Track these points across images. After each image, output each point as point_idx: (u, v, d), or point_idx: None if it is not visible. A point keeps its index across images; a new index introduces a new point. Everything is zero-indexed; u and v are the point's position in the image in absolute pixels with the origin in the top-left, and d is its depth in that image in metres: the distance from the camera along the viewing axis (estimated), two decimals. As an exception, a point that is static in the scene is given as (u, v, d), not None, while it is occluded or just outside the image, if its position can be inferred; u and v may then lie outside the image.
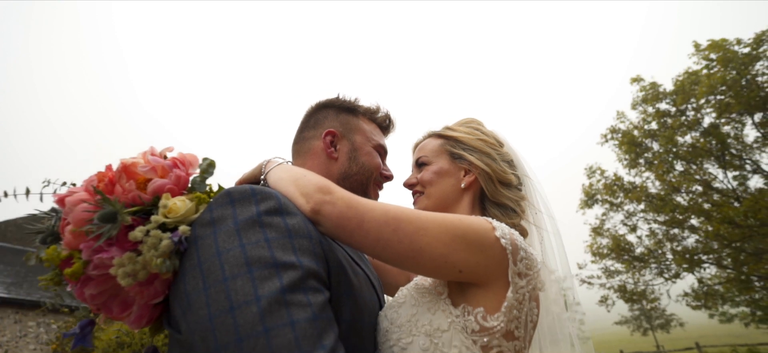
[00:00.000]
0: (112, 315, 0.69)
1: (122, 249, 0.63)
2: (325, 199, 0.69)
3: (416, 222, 0.68)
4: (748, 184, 11.54)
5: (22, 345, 8.18)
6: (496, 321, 0.66)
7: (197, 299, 0.58)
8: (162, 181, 0.67)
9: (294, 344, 0.53)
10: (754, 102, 10.38)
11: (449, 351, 0.66)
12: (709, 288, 12.00)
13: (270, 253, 0.59)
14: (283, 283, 0.57)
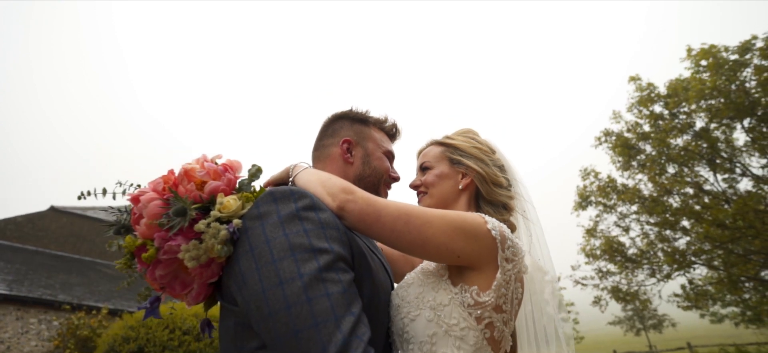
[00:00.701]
0: (174, 293, 0.84)
1: (186, 238, 0.78)
2: (348, 198, 0.85)
3: (423, 217, 0.84)
4: (737, 187, 11.75)
5: (23, 342, 8.27)
6: (487, 297, 0.82)
7: (251, 277, 0.73)
8: (217, 183, 0.82)
9: (330, 310, 0.68)
10: (742, 107, 10.61)
11: (450, 321, 0.82)
12: (699, 289, 12.20)
13: (308, 241, 0.75)
14: (320, 264, 0.72)
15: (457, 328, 0.81)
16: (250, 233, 0.78)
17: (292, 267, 0.71)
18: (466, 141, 1.14)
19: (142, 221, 0.80)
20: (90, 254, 13.65)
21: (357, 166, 1.08)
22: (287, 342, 0.67)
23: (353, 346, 0.66)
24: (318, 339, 0.65)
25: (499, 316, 0.83)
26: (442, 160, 1.13)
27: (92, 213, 14.25)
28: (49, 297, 8.56)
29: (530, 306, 1.06)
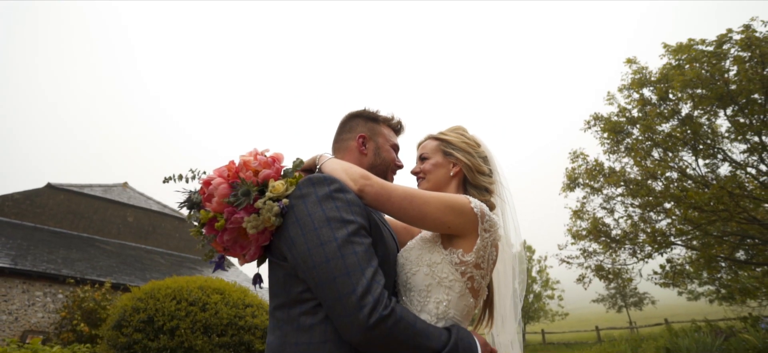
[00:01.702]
0: (234, 253, 1.12)
1: (247, 212, 1.05)
2: (366, 183, 1.12)
3: (422, 198, 1.12)
4: (718, 172, 12.17)
5: (30, 313, 8.55)
6: (469, 257, 1.11)
7: (298, 240, 1.01)
8: (268, 171, 1.09)
9: (357, 263, 0.96)
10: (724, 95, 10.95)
11: (441, 275, 1.10)
12: (678, 268, 12.75)
13: (339, 214, 1.02)
14: (349, 231, 1.00)
15: (446, 280, 1.10)
16: (296, 209, 1.05)
17: (329, 233, 0.99)
18: (457, 136, 1.41)
19: (213, 199, 1.07)
20: (88, 231, 13.84)
21: (370, 156, 1.35)
22: (327, 285, 0.95)
23: (373, 288, 0.94)
24: (350, 283, 0.93)
25: (478, 272, 1.12)
26: (437, 151, 1.40)
27: (89, 191, 14.39)
28: (53, 271, 8.81)
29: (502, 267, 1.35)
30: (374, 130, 1.39)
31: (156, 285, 5.49)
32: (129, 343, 4.85)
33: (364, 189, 1.11)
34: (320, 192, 1.05)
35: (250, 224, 1.03)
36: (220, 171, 1.11)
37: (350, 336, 0.93)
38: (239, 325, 5.30)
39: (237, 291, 5.87)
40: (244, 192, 1.03)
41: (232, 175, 1.09)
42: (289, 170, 1.14)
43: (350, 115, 1.44)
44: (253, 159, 1.11)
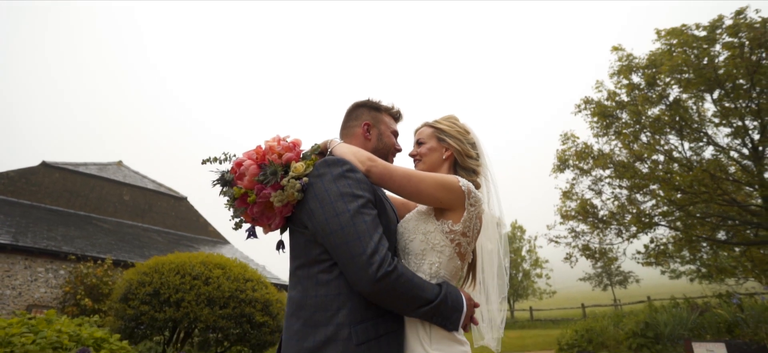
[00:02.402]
0: (261, 223, 1.34)
1: (274, 189, 1.26)
2: (372, 164, 1.33)
3: (419, 177, 1.34)
4: (703, 156, 12.52)
5: (33, 288, 8.76)
6: (458, 227, 1.33)
7: (317, 211, 1.23)
8: (291, 154, 1.30)
9: (366, 230, 1.18)
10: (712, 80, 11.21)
11: (434, 241, 1.33)
12: (661, 248, 13.21)
13: (351, 190, 1.24)
14: (359, 204, 1.22)
15: (438, 246, 1.33)
16: (314, 186, 1.26)
17: (343, 205, 1.21)
18: (449, 125, 1.62)
19: (244, 178, 1.28)
20: (84, 209, 13.96)
21: (373, 141, 1.56)
22: (342, 248, 1.18)
23: (380, 249, 1.17)
24: (360, 245, 1.16)
25: (465, 239, 1.35)
26: (432, 137, 1.61)
27: (84, 169, 14.45)
28: (54, 248, 8.99)
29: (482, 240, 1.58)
30: (377, 118, 1.60)
31: (160, 261, 5.71)
32: (136, 315, 5.09)
33: (370, 169, 1.33)
34: (334, 172, 1.27)
35: (276, 198, 1.24)
36: (249, 154, 1.31)
37: (361, 288, 1.15)
38: (240, 298, 5.56)
39: (237, 266, 6.12)
40: (272, 172, 1.24)
41: (259, 158, 1.29)
42: (307, 153, 1.35)
43: (356, 104, 1.64)
44: (276, 144, 1.32)
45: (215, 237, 17.58)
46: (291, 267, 1.35)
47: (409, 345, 1.24)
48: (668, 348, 7.76)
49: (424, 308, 1.19)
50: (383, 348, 1.18)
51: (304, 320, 1.21)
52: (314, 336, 1.17)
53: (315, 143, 1.40)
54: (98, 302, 8.04)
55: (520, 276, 27.15)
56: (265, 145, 1.32)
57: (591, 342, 8.80)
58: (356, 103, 1.64)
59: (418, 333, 1.24)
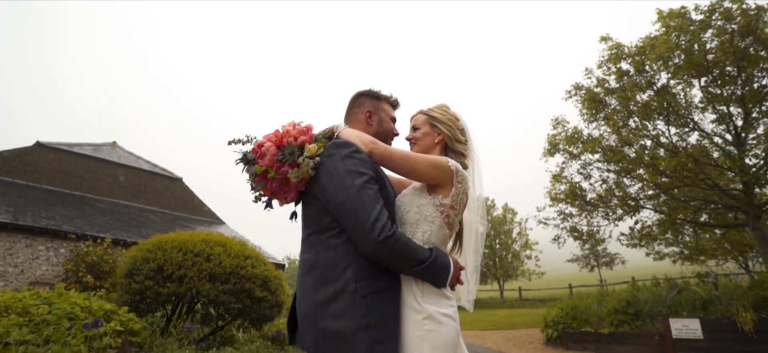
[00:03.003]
0: (278, 196, 1.56)
1: (290, 167, 1.48)
2: (374, 146, 1.55)
3: (414, 158, 1.56)
4: (688, 141, 12.86)
5: (35, 266, 8.93)
6: (447, 201, 1.56)
7: (328, 186, 1.45)
8: (305, 137, 1.52)
9: (370, 201, 1.40)
10: (701, 65, 11.47)
11: (426, 213, 1.56)
12: (646, 231, 13.65)
13: (357, 168, 1.46)
14: (364, 180, 1.44)
15: (430, 217, 1.56)
16: (325, 164, 1.48)
17: (350, 181, 1.43)
18: (441, 113, 1.84)
19: (265, 157, 1.49)
20: (80, 189, 14.04)
21: (374, 127, 1.78)
22: (349, 216, 1.40)
23: (381, 217, 1.39)
24: (365, 214, 1.38)
25: (453, 211, 1.58)
26: (426, 123, 1.83)
27: (78, 150, 14.47)
28: (54, 227, 9.14)
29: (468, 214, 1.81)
30: (377, 106, 1.81)
31: (162, 239, 5.91)
32: (141, 289, 5.31)
33: (373, 151, 1.55)
34: (342, 153, 1.48)
35: (293, 175, 1.46)
36: (269, 137, 1.52)
37: (365, 250, 1.38)
38: (241, 274, 5.79)
39: (237, 244, 6.34)
40: (290, 153, 1.45)
41: (278, 140, 1.50)
42: (319, 136, 1.57)
43: (359, 93, 1.84)
44: (292, 128, 1.53)
45: (210, 217, 17.76)
46: (304, 234, 1.57)
47: (404, 299, 1.48)
48: (647, 323, 8.16)
49: (418, 267, 1.42)
50: (383, 300, 1.42)
51: (316, 277, 1.44)
52: (325, 290, 1.41)
53: (325, 128, 1.62)
54: (99, 279, 8.25)
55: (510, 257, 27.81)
56: (282, 129, 1.53)
57: (575, 319, 9.20)
58: (359, 92, 1.85)
59: (412, 288, 1.48)
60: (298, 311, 1.48)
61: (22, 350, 3.01)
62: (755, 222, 10.55)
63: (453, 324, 1.45)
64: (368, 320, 1.35)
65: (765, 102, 11.15)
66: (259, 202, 1.59)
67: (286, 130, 1.52)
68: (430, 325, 1.40)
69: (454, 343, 1.44)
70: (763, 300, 7.14)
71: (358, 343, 1.32)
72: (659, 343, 7.65)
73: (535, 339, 10.37)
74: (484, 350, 9.07)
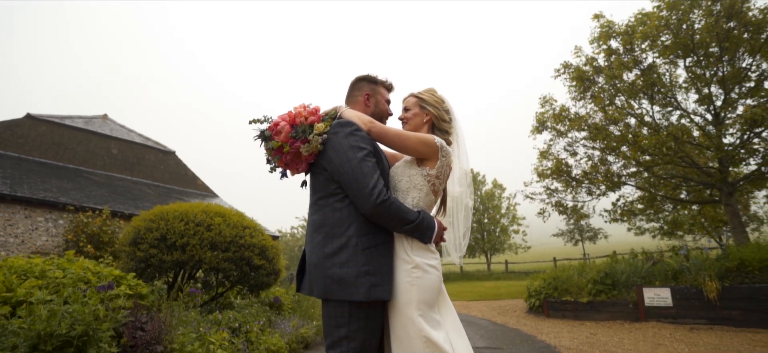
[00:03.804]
0: (291, 167, 1.83)
1: (302, 142, 1.75)
2: (372, 125, 1.83)
3: (406, 135, 1.84)
4: (671, 120, 13.27)
5: (35, 237, 9.12)
6: (433, 171, 1.85)
7: (334, 158, 1.72)
8: (314, 118, 1.79)
9: (369, 171, 1.68)
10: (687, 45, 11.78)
11: (416, 182, 1.85)
12: (628, 207, 14.19)
13: (358, 144, 1.74)
14: (364, 154, 1.72)
15: (419, 185, 1.86)
16: (332, 140, 1.76)
17: (353, 154, 1.71)
18: (430, 96, 2.11)
19: (281, 134, 1.76)
20: (73, 162, 14.09)
21: (372, 108, 2.04)
22: (352, 184, 1.69)
23: (378, 184, 1.68)
24: (365, 182, 1.67)
25: (438, 181, 1.88)
26: (415, 105, 2.10)
27: (70, 122, 14.44)
28: (52, 199, 9.30)
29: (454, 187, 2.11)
30: (374, 89, 2.07)
31: (164, 209, 6.16)
32: (146, 257, 5.59)
33: (371, 129, 1.82)
34: (346, 131, 1.76)
35: (304, 149, 1.73)
36: (283, 117, 1.79)
37: (365, 211, 1.68)
38: (240, 243, 6.09)
39: (235, 214, 6.62)
40: (302, 131, 1.72)
41: (291, 120, 1.77)
42: (325, 116, 1.84)
43: (358, 78, 2.10)
44: (303, 110, 1.80)
45: (204, 190, 17.93)
46: (312, 199, 1.86)
47: (397, 252, 1.78)
48: (623, 292, 8.69)
49: (408, 226, 1.73)
50: (380, 252, 1.73)
51: (324, 234, 1.74)
52: (332, 244, 1.71)
53: (330, 108, 1.89)
54: (99, 249, 8.49)
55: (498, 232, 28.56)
56: (294, 110, 1.80)
57: (556, 289, 9.72)
58: (358, 77, 2.11)
59: (403, 243, 1.78)
60: (308, 262, 1.78)
61: (46, 309, 3.29)
62: (728, 198, 11.09)
63: (436, 273, 1.77)
64: (367, 268, 1.66)
65: (745, 83, 11.56)
66: (274, 172, 1.87)
67: (297, 111, 1.79)
68: (418, 273, 1.72)
69: (437, 288, 1.76)
70: (727, 271, 7.67)
71: (359, 286, 1.63)
72: (633, 310, 8.19)
73: (519, 308, 10.92)
74: (470, 318, 9.58)
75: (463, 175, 2.13)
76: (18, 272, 4.10)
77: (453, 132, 2.11)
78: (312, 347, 5.88)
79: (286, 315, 6.47)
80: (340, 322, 1.65)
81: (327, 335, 1.71)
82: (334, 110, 1.94)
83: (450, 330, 1.74)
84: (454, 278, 24.49)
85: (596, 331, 7.00)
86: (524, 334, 6.91)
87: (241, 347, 4.41)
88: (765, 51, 10.51)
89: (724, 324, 7.17)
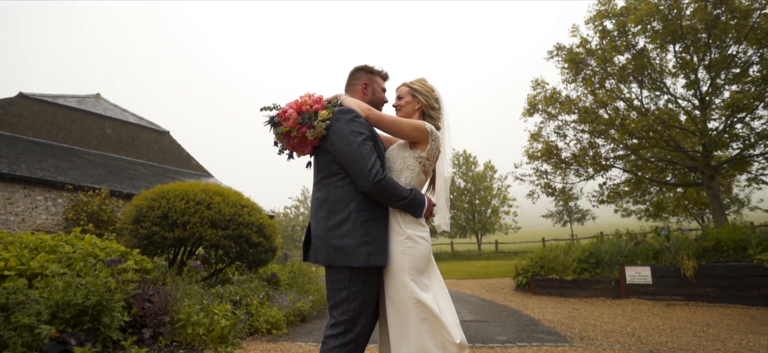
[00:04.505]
0: (298, 150, 2.05)
1: (307, 128, 1.97)
2: (370, 112, 2.04)
3: (400, 121, 2.06)
4: (659, 104, 13.56)
5: (35, 215, 9.26)
6: (424, 153, 2.07)
7: (337, 142, 1.94)
8: (318, 106, 2.00)
9: (367, 153, 1.90)
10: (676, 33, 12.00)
11: (408, 162, 2.07)
12: (614, 189, 14.58)
13: (358, 129, 1.95)
14: (363, 138, 1.93)
15: (411, 165, 2.08)
16: (334, 126, 1.97)
17: (353, 139, 1.92)
18: (420, 85, 2.33)
19: (288, 121, 1.97)
20: (67, 141, 14.09)
21: (369, 96, 2.25)
22: (352, 165, 1.91)
23: (376, 165, 1.90)
24: (364, 163, 1.89)
25: (428, 162, 2.10)
26: (408, 94, 2.32)
27: (63, 102, 14.39)
28: (50, 178, 9.40)
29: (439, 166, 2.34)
30: (371, 79, 2.28)
31: (164, 188, 6.35)
32: (148, 234, 5.80)
33: (369, 116, 2.04)
34: (346, 118, 1.97)
35: (310, 134, 1.95)
36: (291, 105, 1.99)
37: (364, 189, 1.90)
38: (239, 221, 6.32)
39: (233, 194, 6.84)
40: (308, 117, 1.93)
41: (297, 108, 1.98)
42: (328, 104, 2.05)
43: (356, 68, 2.30)
44: (308, 98, 2.00)
45: (198, 170, 18.03)
46: (316, 178, 2.09)
47: (391, 225, 2.02)
48: (606, 271, 9.08)
49: (401, 202, 1.96)
50: (377, 225, 1.96)
51: (327, 209, 1.97)
52: (334, 218, 1.94)
53: (332, 96, 2.10)
54: (99, 228, 8.67)
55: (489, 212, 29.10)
56: (300, 99, 2.01)
57: (543, 268, 10.10)
58: (357, 67, 2.31)
59: (397, 217, 2.02)
60: (313, 234, 2.02)
61: (63, 281, 3.52)
62: (710, 182, 11.48)
63: (426, 243, 2.01)
64: (366, 239, 1.90)
65: (731, 69, 11.84)
66: (282, 154, 2.09)
67: (303, 100, 1.99)
68: (410, 243, 1.96)
69: (426, 257, 2.01)
70: (704, 250, 8.08)
71: (359, 254, 1.87)
72: (615, 288, 8.59)
73: (507, 286, 11.33)
74: (460, 295, 9.96)
75: (449, 153, 2.36)
76: (29, 247, 4.30)
77: (441, 118, 2.33)
78: (308, 320, 6.17)
79: (282, 291, 6.75)
80: (342, 286, 1.90)
81: (330, 297, 1.95)
82: (335, 98, 2.15)
83: (437, 293, 1.99)
84: (445, 257, 25.02)
85: (578, 306, 7.38)
86: (510, 309, 7.27)
87: (242, 318, 4.67)
88: (751, 37, 10.76)
89: (699, 300, 7.60)
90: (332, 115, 1.98)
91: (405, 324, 1.87)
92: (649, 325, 5.32)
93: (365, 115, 2.03)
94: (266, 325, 5.01)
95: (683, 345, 4.05)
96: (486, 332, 4.91)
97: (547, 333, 4.79)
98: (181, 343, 4.08)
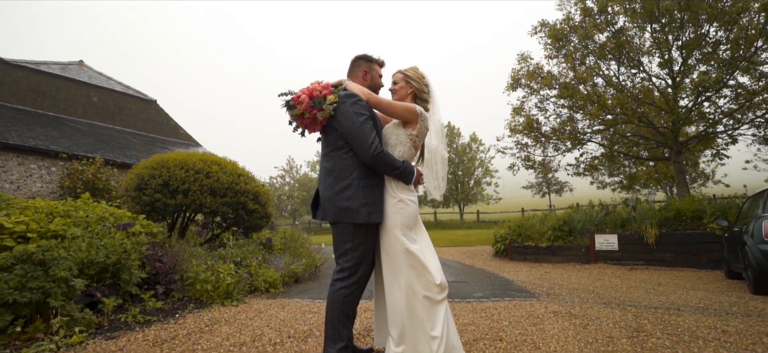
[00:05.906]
0: (310, 128, 2.45)
1: (318, 110, 2.37)
2: (369, 96, 2.44)
3: (395, 104, 2.47)
4: (635, 82, 14.12)
5: (30, 183, 9.39)
6: (414, 132, 2.49)
7: (342, 121, 2.34)
8: (327, 92, 2.39)
9: (368, 131, 2.31)
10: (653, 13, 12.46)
11: (401, 138, 2.49)
12: (590, 162, 15.28)
13: (360, 111, 2.35)
14: (364, 118, 2.34)
15: (403, 142, 2.51)
16: (340, 108, 2.37)
17: (356, 118, 2.33)
18: (413, 73, 2.72)
19: (302, 104, 2.36)
20: (53, 109, 13.96)
21: (368, 82, 2.64)
22: (356, 140, 2.32)
23: (375, 141, 2.32)
24: (366, 139, 2.30)
25: (418, 139, 2.53)
26: (402, 80, 2.71)
27: (46, 68, 14.17)
28: (43, 147, 9.49)
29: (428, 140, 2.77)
30: (370, 67, 2.67)
31: (164, 157, 6.64)
32: (151, 201, 6.13)
33: (369, 99, 2.44)
34: (351, 101, 2.37)
35: (320, 115, 2.34)
36: (303, 91, 2.38)
37: (365, 160, 2.32)
38: (236, 189, 6.69)
39: (230, 163, 7.17)
40: (319, 101, 2.32)
41: (309, 93, 2.37)
42: (334, 89, 2.44)
43: (357, 57, 2.68)
44: (318, 85, 2.39)
45: (187, 139, 18.07)
46: (324, 150, 2.50)
47: (387, 190, 2.46)
48: (578, 238, 9.79)
49: (395, 171, 2.39)
50: (375, 190, 2.40)
51: (334, 177, 2.40)
52: (340, 184, 2.37)
53: (337, 80, 2.50)
54: (95, 196, 8.89)
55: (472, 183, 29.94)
56: (311, 85, 2.40)
57: (520, 236, 10.78)
58: (357, 56, 2.69)
59: (391, 184, 2.46)
60: (322, 197, 2.44)
61: (86, 241, 3.89)
62: (676, 156, 12.23)
63: (414, 205, 2.47)
64: (366, 200, 2.34)
65: (702, 48, 12.43)
66: (296, 132, 2.49)
67: (314, 87, 2.38)
68: (401, 205, 2.41)
69: (414, 216, 2.47)
70: (666, 220, 8.82)
71: (360, 213, 2.32)
72: (585, 254, 9.32)
73: (486, 253, 12.04)
74: (442, 260, 10.60)
75: (439, 132, 2.79)
76: (43, 212, 4.62)
77: (431, 101, 2.75)
78: (301, 281, 6.65)
79: (277, 254, 7.20)
80: (346, 238, 2.35)
81: (336, 248, 2.41)
82: (340, 83, 2.54)
83: (423, 245, 2.46)
84: (429, 226, 25.84)
85: (550, 270, 8.06)
86: (488, 272, 7.90)
87: (244, 276, 5.13)
88: (721, 19, 11.31)
89: (658, 264, 8.37)
90: (338, 99, 2.37)
91: (396, 269, 2.34)
92: (609, 285, 5.98)
93: (366, 98, 2.42)
94: (265, 284, 5.48)
95: (634, 299, 4.69)
96: (465, 290, 5.48)
97: (518, 291, 5.39)
98: (191, 298, 4.52)
